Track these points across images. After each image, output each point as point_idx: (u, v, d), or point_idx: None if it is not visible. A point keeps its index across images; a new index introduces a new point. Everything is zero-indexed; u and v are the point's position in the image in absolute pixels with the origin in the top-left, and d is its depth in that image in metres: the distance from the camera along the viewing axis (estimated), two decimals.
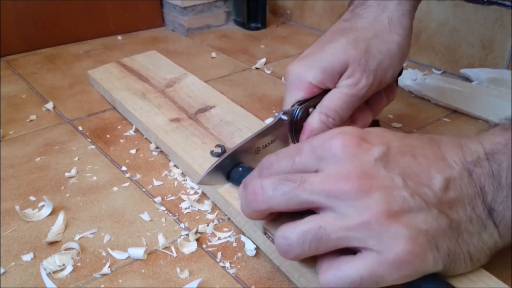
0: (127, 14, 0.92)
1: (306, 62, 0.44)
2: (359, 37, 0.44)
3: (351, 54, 0.43)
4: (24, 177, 0.50)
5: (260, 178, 0.34)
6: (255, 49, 0.86)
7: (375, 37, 0.44)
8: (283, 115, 0.43)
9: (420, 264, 0.29)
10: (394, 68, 0.45)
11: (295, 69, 0.44)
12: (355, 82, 0.43)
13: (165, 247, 0.41)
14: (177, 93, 0.63)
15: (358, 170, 0.30)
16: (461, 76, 0.72)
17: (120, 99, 0.62)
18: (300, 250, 0.31)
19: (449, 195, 0.31)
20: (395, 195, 0.30)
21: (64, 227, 0.43)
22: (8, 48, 0.82)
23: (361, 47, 0.43)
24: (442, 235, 0.30)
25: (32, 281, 0.38)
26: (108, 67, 0.71)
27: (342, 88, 0.43)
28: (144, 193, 0.48)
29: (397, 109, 0.64)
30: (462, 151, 0.32)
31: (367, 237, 0.29)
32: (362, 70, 0.43)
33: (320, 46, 0.45)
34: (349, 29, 0.45)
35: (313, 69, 0.43)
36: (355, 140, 0.32)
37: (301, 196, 0.31)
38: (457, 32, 0.72)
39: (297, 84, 0.44)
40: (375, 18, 0.45)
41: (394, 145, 0.32)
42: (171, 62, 0.73)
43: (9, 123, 0.61)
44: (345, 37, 0.44)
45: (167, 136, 0.53)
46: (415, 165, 0.31)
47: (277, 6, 1.02)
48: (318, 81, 0.43)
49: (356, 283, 0.30)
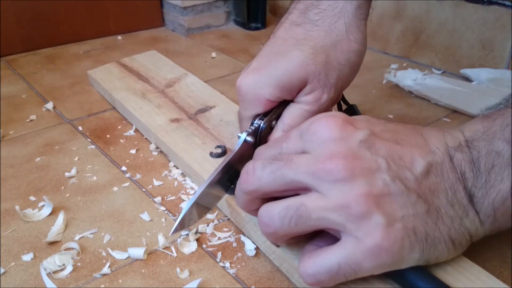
0: (127, 14, 0.92)
1: (260, 76, 0.41)
2: (316, 49, 0.41)
3: (310, 70, 0.41)
4: (24, 177, 0.50)
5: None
6: (255, 49, 0.86)
7: (333, 47, 0.42)
8: (247, 136, 0.40)
9: (398, 251, 0.30)
10: (353, 75, 0.45)
11: (249, 84, 0.42)
12: (316, 98, 0.42)
13: (165, 247, 0.41)
14: (177, 93, 0.63)
15: (343, 151, 0.31)
16: (461, 76, 0.72)
17: (120, 99, 0.62)
18: (280, 223, 0.32)
19: (430, 180, 0.31)
20: (377, 177, 0.30)
21: (64, 227, 0.43)
22: (8, 48, 0.82)
23: (320, 61, 0.41)
24: (419, 219, 0.31)
25: (32, 281, 0.38)
26: (108, 67, 0.71)
27: (302, 104, 0.42)
28: (144, 193, 0.48)
29: (397, 109, 0.64)
30: (444, 137, 0.33)
31: (346, 221, 0.30)
32: (322, 85, 0.42)
33: (273, 57, 0.42)
34: (304, 40, 0.42)
35: (269, 85, 0.41)
36: (340, 122, 0.32)
37: (287, 175, 0.32)
38: (457, 32, 0.72)
39: (253, 100, 0.42)
40: (330, 26, 0.42)
41: (378, 129, 0.33)
42: (171, 62, 0.73)
43: (9, 123, 0.61)
44: (301, 50, 0.41)
45: (167, 136, 0.53)
46: (398, 148, 0.32)
47: (277, 6, 1.02)
48: (276, 97, 0.42)
49: (334, 270, 0.30)
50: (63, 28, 0.86)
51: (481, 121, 0.33)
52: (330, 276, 0.31)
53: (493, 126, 0.32)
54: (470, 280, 0.33)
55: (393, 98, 0.67)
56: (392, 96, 0.67)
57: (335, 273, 0.31)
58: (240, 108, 0.44)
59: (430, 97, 0.66)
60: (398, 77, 0.70)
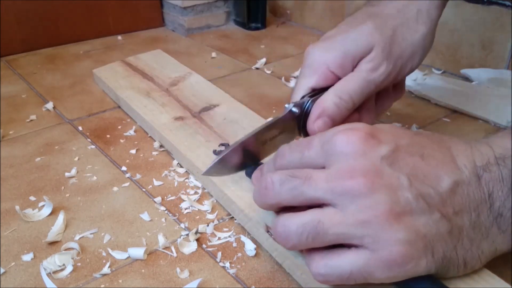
0: (127, 14, 0.92)
1: (327, 44, 0.43)
2: (385, 22, 0.43)
3: (376, 38, 0.42)
4: (24, 177, 0.50)
5: (271, 171, 0.35)
6: (255, 49, 0.86)
7: (402, 25, 0.43)
8: (294, 107, 0.42)
9: (412, 268, 0.29)
10: (414, 60, 0.45)
11: (315, 51, 0.43)
12: (375, 67, 0.42)
13: (165, 247, 0.41)
14: (181, 91, 0.63)
15: (363, 167, 0.30)
16: (461, 76, 0.72)
17: (125, 97, 0.62)
18: (297, 240, 0.31)
19: (455, 199, 0.30)
20: (398, 195, 0.29)
21: (64, 227, 0.43)
22: (8, 48, 0.82)
23: (387, 33, 0.42)
24: (440, 240, 0.30)
25: (32, 281, 0.38)
26: (113, 66, 0.71)
27: (360, 72, 0.42)
28: (144, 193, 0.48)
29: (397, 109, 0.64)
30: (473, 154, 0.32)
31: (364, 235, 0.29)
32: (384, 56, 0.42)
33: (344, 29, 0.44)
34: (376, 15, 0.44)
35: (334, 51, 0.42)
36: (363, 136, 0.31)
37: (306, 193, 0.31)
38: (457, 32, 0.72)
39: (314, 67, 0.43)
40: (403, 6, 0.44)
41: (403, 143, 0.32)
42: (175, 61, 0.73)
43: (9, 123, 0.61)
44: (372, 21, 0.43)
45: (171, 135, 0.53)
46: (423, 165, 0.31)
47: (277, 6, 1.02)
48: (337, 65, 0.42)
49: (345, 276, 0.30)
50: (63, 28, 0.86)
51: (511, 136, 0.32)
52: (340, 280, 0.31)
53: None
54: (474, 280, 0.33)
55: None
56: None
57: (345, 278, 0.30)
58: (299, 75, 0.44)
59: (430, 97, 0.66)
60: None
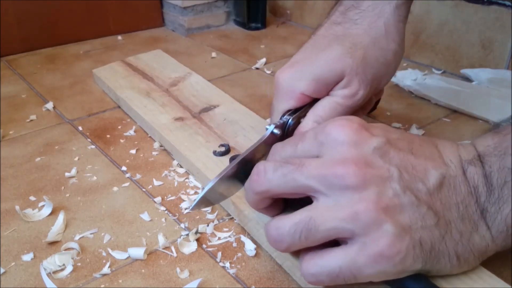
0: (127, 14, 0.92)
1: (297, 70, 0.42)
2: (355, 44, 0.42)
3: (347, 63, 0.41)
4: (24, 177, 0.50)
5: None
6: (255, 49, 0.86)
7: (372, 44, 0.42)
8: (275, 128, 0.41)
9: (401, 261, 0.30)
10: (389, 76, 0.45)
11: (286, 77, 0.43)
12: (353, 93, 0.42)
13: (165, 247, 0.41)
14: (181, 92, 0.63)
15: (356, 156, 0.31)
16: (461, 76, 0.72)
17: (125, 97, 0.62)
18: (291, 240, 0.31)
19: (442, 192, 0.31)
20: (387, 187, 0.30)
21: (64, 227, 0.43)
22: (8, 48, 0.81)
23: (358, 56, 0.42)
24: (427, 231, 0.30)
25: (32, 281, 0.38)
26: (113, 66, 0.71)
27: (337, 98, 0.42)
28: (144, 193, 0.48)
29: (397, 109, 0.64)
30: (458, 150, 0.33)
31: (354, 228, 0.30)
32: (359, 80, 0.42)
33: (312, 53, 0.43)
34: (343, 36, 0.43)
35: (306, 78, 0.42)
36: (356, 127, 0.32)
37: (298, 179, 0.31)
38: (457, 32, 0.72)
39: (288, 93, 0.42)
40: (370, 25, 0.43)
41: (394, 137, 0.33)
42: (175, 61, 0.73)
43: (9, 123, 0.61)
44: (340, 44, 0.42)
45: (171, 135, 0.53)
46: (412, 159, 0.32)
47: (277, 6, 1.02)
48: (311, 91, 0.42)
49: (334, 273, 0.30)
50: (63, 28, 0.86)
51: (492, 136, 0.33)
52: (330, 278, 0.31)
53: (504, 141, 0.32)
54: (473, 280, 0.33)
55: (393, 98, 0.67)
56: (392, 96, 0.67)
57: (335, 276, 0.31)
58: (274, 100, 0.44)
59: (430, 97, 0.66)
60: (398, 77, 0.70)
